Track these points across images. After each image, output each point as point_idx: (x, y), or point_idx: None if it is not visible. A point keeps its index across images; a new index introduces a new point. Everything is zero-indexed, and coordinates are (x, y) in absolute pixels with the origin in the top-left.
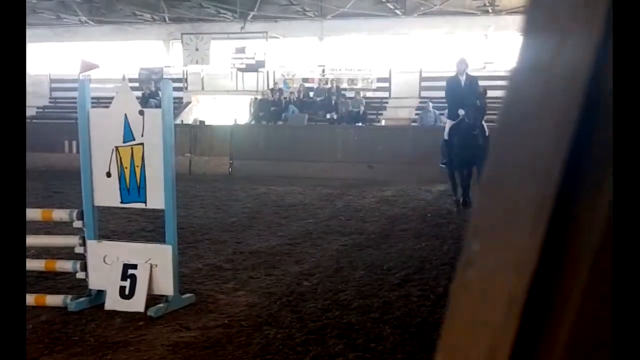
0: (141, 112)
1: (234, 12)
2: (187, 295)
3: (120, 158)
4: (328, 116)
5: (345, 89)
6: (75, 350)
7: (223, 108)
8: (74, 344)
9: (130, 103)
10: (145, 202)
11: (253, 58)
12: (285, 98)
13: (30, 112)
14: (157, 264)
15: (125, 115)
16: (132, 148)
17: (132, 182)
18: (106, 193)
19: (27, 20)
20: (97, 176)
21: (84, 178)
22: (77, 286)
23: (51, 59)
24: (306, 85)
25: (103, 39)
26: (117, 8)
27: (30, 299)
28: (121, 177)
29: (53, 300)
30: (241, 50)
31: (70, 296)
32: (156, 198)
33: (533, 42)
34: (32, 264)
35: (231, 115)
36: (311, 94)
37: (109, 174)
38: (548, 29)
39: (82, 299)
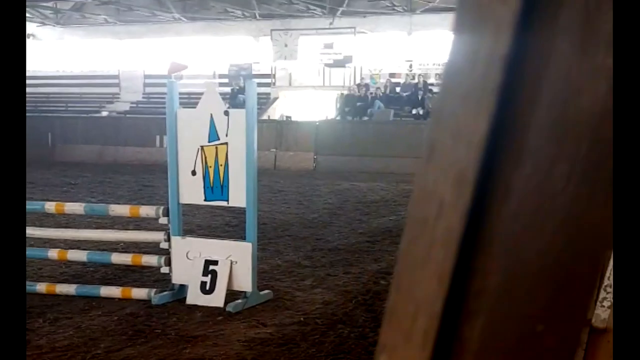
0: (226, 113)
1: (323, 7)
2: (265, 291)
3: (205, 157)
4: (414, 112)
5: (432, 84)
6: (156, 343)
7: (309, 104)
8: (156, 336)
9: (216, 103)
10: (227, 200)
11: (340, 54)
12: (371, 93)
13: (124, 107)
14: (237, 260)
15: (211, 115)
16: (216, 147)
17: (216, 180)
18: (191, 191)
19: (124, 17)
20: (182, 174)
21: (171, 176)
22: (161, 280)
23: (145, 55)
24: (393, 80)
25: (194, 35)
26: (209, 5)
27: (117, 292)
28: (205, 176)
29: (138, 293)
30: (329, 45)
31: (154, 289)
32: (238, 196)
33: (456, 43)
34: (121, 258)
35: (317, 110)
36: (398, 89)
37: (194, 173)
38: (468, 28)
39: (165, 292)
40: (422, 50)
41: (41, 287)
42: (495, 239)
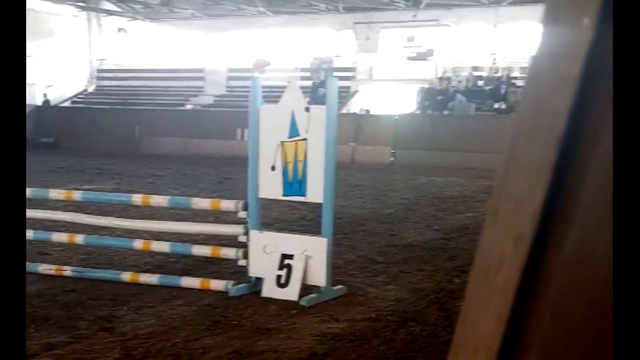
0: (307, 109)
1: (406, 0)
2: (338, 287)
3: (285, 153)
4: (496, 106)
5: (516, 78)
6: (232, 334)
7: (390, 97)
8: (232, 327)
9: (297, 100)
10: (305, 196)
11: (422, 47)
12: (453, 87)
13: (208, 100)
14: (312, 255)
15: (292, 111)
16: (296, 143)
17: (294, 176)
18: (270, 186)
19: (210, 12)
20: (262, 170)
21: (251, 171)
22: (239, 272)
23: (230, 48)
24: (475, 74)
25: (278, 28)
26: None
27: (197, 283)
28: (284, 171)
29: (216, 284)
30: (411, 38)
31: (231, 282)
32: (316, 192)
33: (547, 32)
34: (201, 250)
35: (397, 104)
36: (480, 82)
37: (273, 168)
38: (557, 20)
39: (242, 285)
40: (507, 43)
41: (126, 276)
42: (548, 289)
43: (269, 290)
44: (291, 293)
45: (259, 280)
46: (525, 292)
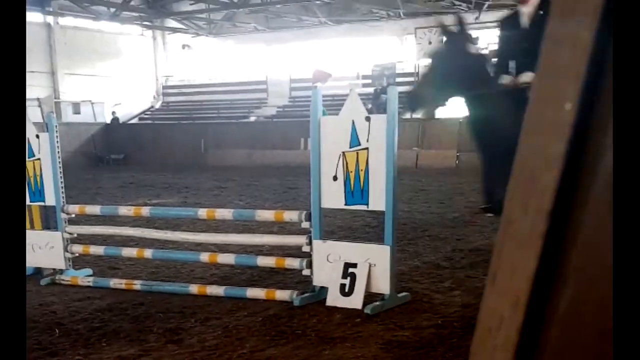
0: (367, 119)
1: (469, 3)
2: (403, 294)
3: (347, 163)
4: None
5: None
6: (297, 343)
7: (454, 100)
8: (297, 337)
9: (357, 110)
10: (367, 204)
11: (486, 48)
12: None
13: (271, 111)
14: (376, 263)
15: (353, 121)
16: (357, 153)
17: (356, 185)
18: (332, 196)
19: (272, 24)
20: (324, 180)
21: (313, 182)
22: (303, 282)
23: (292, 59)
24: None
25: (339, 37)
26: (354, 7)
27: (262, 293)
28: (346, 181)
29: (281, 295)
30: (475, 41)
31: (296, 291)
32: (378, 200)
33: (534, 112)
34: (265, 261)
35: (462, 107)
36: None
37: (335, 178)
38: (542, 102)
39: (306, 294)
40: None
41: (193, 288)
42: (547, 346)
43: (333, 299)
44: (355, 301)
45: (323, 289)
46: (525, 349)
